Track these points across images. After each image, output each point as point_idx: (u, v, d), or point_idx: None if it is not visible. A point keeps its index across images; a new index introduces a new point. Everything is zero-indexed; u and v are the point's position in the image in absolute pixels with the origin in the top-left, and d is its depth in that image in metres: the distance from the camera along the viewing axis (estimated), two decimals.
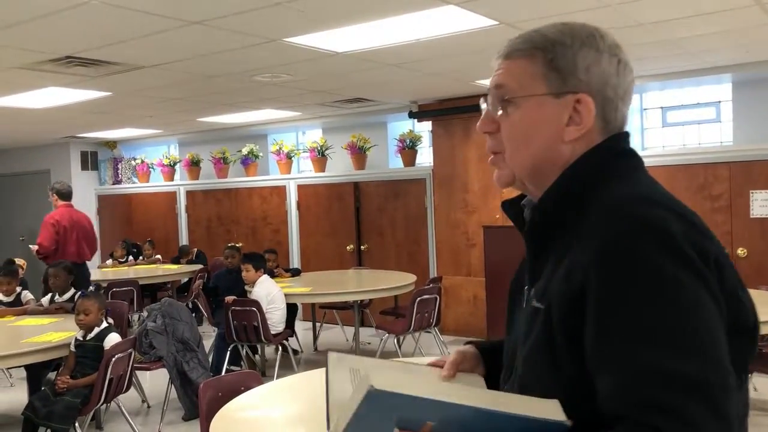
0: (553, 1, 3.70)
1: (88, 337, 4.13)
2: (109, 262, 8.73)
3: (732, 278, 0.93)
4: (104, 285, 6.95)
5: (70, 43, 4.23)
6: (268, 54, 4.66)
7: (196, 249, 8.53)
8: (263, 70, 5.27)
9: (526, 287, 1.10)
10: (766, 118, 6.13)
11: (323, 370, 1.18)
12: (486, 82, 6.18)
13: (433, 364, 1.21)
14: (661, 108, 7.01)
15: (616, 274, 0.88)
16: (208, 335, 6.58)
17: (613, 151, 1.04)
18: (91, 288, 5.87)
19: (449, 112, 7.24)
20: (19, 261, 6.64)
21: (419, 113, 7.52)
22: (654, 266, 0.87)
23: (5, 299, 5.22)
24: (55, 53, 4.46)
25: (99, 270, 8.54)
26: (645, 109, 7.10)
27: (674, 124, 6.91)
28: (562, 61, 1.02)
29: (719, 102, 6.70)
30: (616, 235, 0.90)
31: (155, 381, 5.65)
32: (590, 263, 0.90)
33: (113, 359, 3.90)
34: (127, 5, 3.44)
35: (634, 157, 1.05)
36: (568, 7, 3.80)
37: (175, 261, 8.51)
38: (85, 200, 10.73)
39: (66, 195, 7.00)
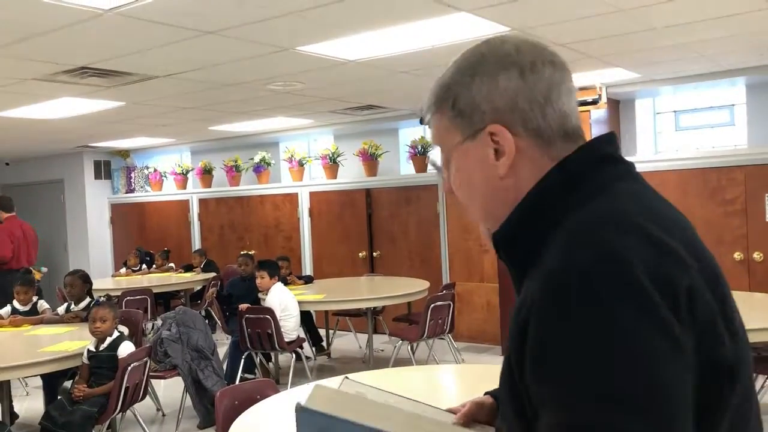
0: (565, 6, 3.70)
1: (101, 348, 4.14)
2: (123, 270, 8.78)
3: (708, 310, 0.81)
4: (118, 293, 6.98)
5: (85, 54, 4.26)
6: (281, 63, 4.69)
7: (206, 259, 8.55)
8: (276, 79, 5.29)
9: None
10: None
11: (338, 378, 1.19)
12: None
13: (450, 410, 1.20)
14: (674, 112, 6.97)
15: (553, 314, 0.80)
16: (221, 343, 6.60)
17: (584, 161, 0.94)
18: (103, 297, 5.89)
19: None
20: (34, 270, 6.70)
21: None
22: (600, 309, 0.77)
23: (22, 308, 5.26)
24: (70, 64, 4.50)
25: (112, 279, 8.60)
26: (658, 113, 7.07)
27: (687, 128, 6.88)
28: (462, 102, 0.98)
29: (733, 105, 6.66)
30: (561, 267, 0.82)
31: (169, 389, 5.66)
32: (533, 298, 0.83)
33: (129, 368, 3.91)
34: (143, 16, 3.47)
35: (615, 164, 0.95)
36: (580, 12, 3.80)
37: (188, 269, 8.54)
38: (99, 209, 10.82)
39: (9, 207, 7.57)
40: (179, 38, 3.92)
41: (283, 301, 5.61)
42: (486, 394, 1.24)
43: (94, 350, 4.12)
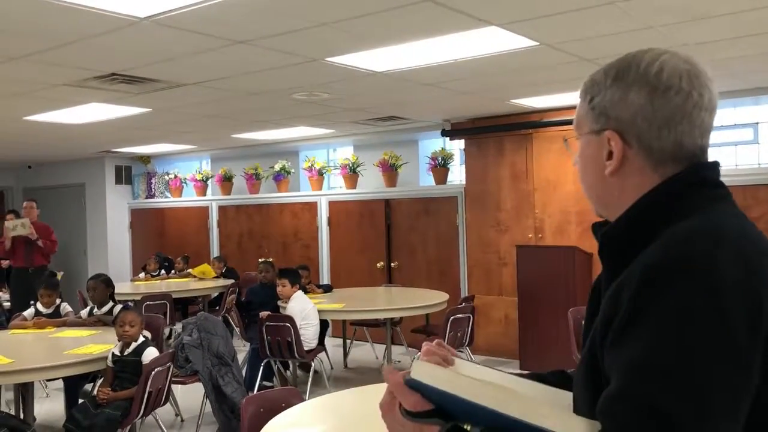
0: (595, 22, 3.71)
1: (126, 352, 4.17)
2: (142, 275, 8.84)
3: None
4: (138, 298, 7.03)
5: (117, 61, 4.32)
6: (309, 73, 4.72)
7: (225, 266, 8.59)
8: (302, 89, 5.33)
9: None
10: None
11: (360, 389, 1.25)
12: (520, 101, 6.22)
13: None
14: None
15: (637, 308, 0.89)
16: (239, 350, 6.61)
17: (687, 182, 1.03)
18: (131, 303, 5.94)
19: (483, 131, 7.25)
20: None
21: (452, 131, 7.54)
22: (681, 310, 0.86)
23: (45, 311, 5.31)
24: (101, 71, 4.56)
25: (131, 283, 8.66)
26: None
27: (711, 146, 6.83)
28: (597, 100, 1.09)
29: (757, 123, 6.62)
30: (657, 263, 0.91)
31: (187, 395, 5.68)
32: (628, 287, 0.92)
33: (153, 373, 3.94)
34: (176, 25, 3.51)
35: (715, 188, 1.04)
36: (611, 28, 3.80)
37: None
38: (118, 213, 10.91)
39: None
40: (211, 47, 3.96)
41: (304, 310, 5.63)
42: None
43: (119, 354, 4.15)
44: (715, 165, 1.07)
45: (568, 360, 5.04)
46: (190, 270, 8.87)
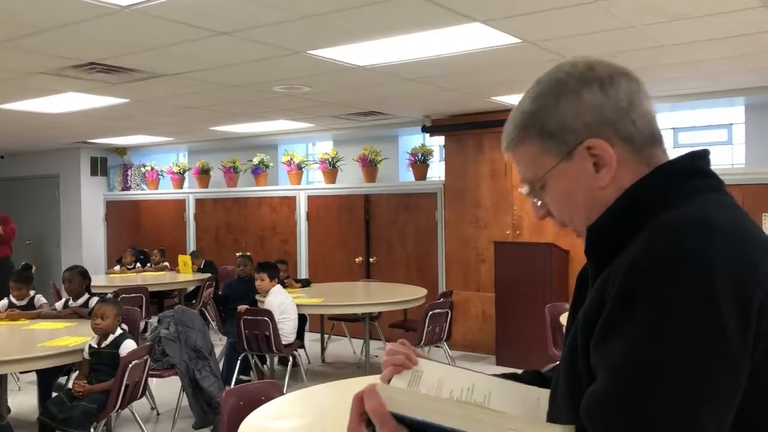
0: (578, 21, 3.74)
1: (103, 345, 4.13)
2: (117, 268, 8.74)
3: None
4: (112, 292, 6.94)
5: (96, 50, 4.26)
6: (291, 66, 4.70)
7: (204, 258, 8.53)
8: (284, 82, 5.31)
9: None
10: None
11: (337, 383, 1.21)
12: (501, 99, 6.25)
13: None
14: (673, 129, 7.05)
15: (627, 303, 0.86)
16: (215, 344, 6.56)
17: (680, 171, 0.99)
18: (110, 294, 5.86)
19: (463, 128, 7.28)
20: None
21: (432, 128, 7.55)
22: (670, 303, 0.83)
23: (19, 303, 5.23)
24: (79, 59, 4.49)
25: (106, 276, 8.55)
26: None
27: (686, 145, 6.94)
28: (551, 126, 1.02)
29: (731, 124, 6.74)
30: (645, 256, 0.87)
31: (164, 388, 5.63)
32: (612, 285, 0.89)
33: (130, 366, 3.90)
34: (158, 14, 3.47)
35: (705, 177, 1.00)
36: (594, 26, 3.84)
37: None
38: (94, 205, 10.77)
39: None
40: (193, 37, 3.92)
41: (283, 304, 5.61)
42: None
43: (97, 346, 4.10)
44: (707, 154, 1.03)
45: (545, 355, 5.10)
46: (166, 263, 8.79)
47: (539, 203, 1.10)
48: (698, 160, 1.02)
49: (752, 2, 3.44)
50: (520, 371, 1.34)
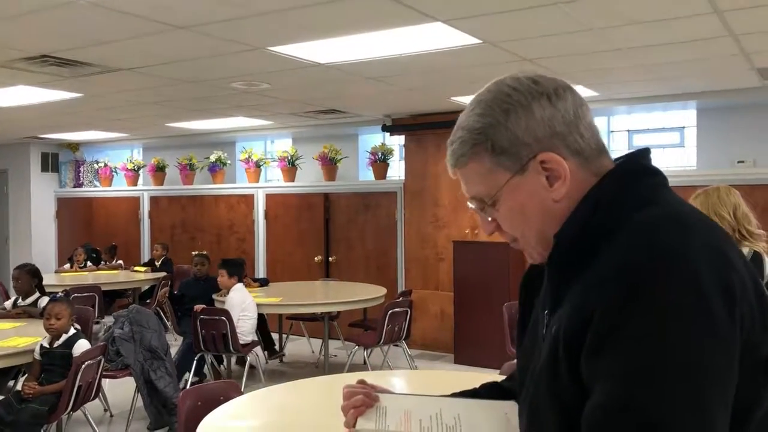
0: (538, 23, 3.78)
1: (55, 344, 4.01)
2: (67, 266, 8.51)
3: (750, 308, 0.88)
4: (62, 291, 6.74)
5: (48, 42, 4.14)
6: (250, 62, 4.64)
7: (164, 256, 8.36)
8: (242, 78, 5.24)
9: (546, 311, 1.06)
10: (729, 144, 6.34)
11: (296, 382, 1.21)
12: (461, 99, 6.28)
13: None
14: (628, 131, 7.20)
15: (620, 308, 0.85)
16: (170, 344, 6.44)
17: (631, 172, 1.00)
18: (61, 293, 5.71)
19: (423, 127, 7.30)
20: None
21: (393, 127, 7.56)
22: (663, 306, 0.83)
23: None
24: (30, 52, 4.36)
25: (56, 275, 8.31)
26: (612, 132, 7.28)
27: (640, 147, 7.09)
28: (502, 141, 1.01)
29: (683, 127, 6.91)
30: (630, 262, 0.88)
31: (117, 389, 5.50)
32: (600, 291, 0.88)
33: (83, 366, 3.80)
34: (114, 7, 3.39)
35: (655, 175, 1.01)
36: (553, 29, 3.89)
37: (149, 264, 8.33)
38: (44, 202, 10.48)
39: None
40: (149, 31, 3.84)
41: (244, 302, 5.55)
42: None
43: (48, 346, 3.98)
44: (648, 152, 1.05)
45: (502, 353, 5.15)
46: (121, 261, 8.61)
47: (489, 219, 1.08)
48: (643, 159, 1.04)
49: (704, 9, 3.53)
50: (477, 386, 1.34)
